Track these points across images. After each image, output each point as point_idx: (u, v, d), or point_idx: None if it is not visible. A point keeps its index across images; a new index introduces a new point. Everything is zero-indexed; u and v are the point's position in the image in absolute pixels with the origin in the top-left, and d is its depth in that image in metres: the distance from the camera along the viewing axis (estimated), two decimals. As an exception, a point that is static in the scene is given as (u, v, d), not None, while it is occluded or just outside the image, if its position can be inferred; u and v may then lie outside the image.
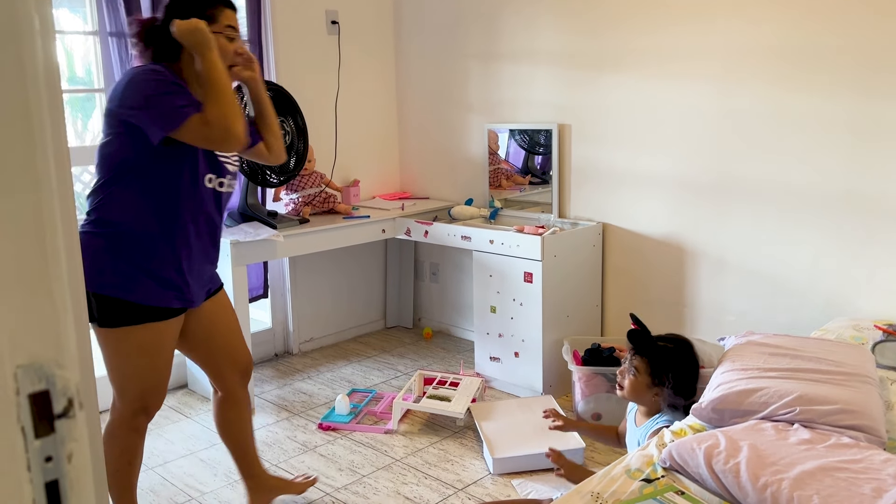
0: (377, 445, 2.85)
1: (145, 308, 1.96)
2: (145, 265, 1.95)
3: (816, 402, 1.75)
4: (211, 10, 1.96)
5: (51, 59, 0.84)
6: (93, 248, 1.92)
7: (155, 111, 1.84)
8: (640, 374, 2.17)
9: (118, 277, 1.93)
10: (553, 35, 3.40)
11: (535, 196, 3.62)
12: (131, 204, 1.94)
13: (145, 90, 1.86)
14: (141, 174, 1.93)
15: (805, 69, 2.67)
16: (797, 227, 2.78)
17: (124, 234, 1.94)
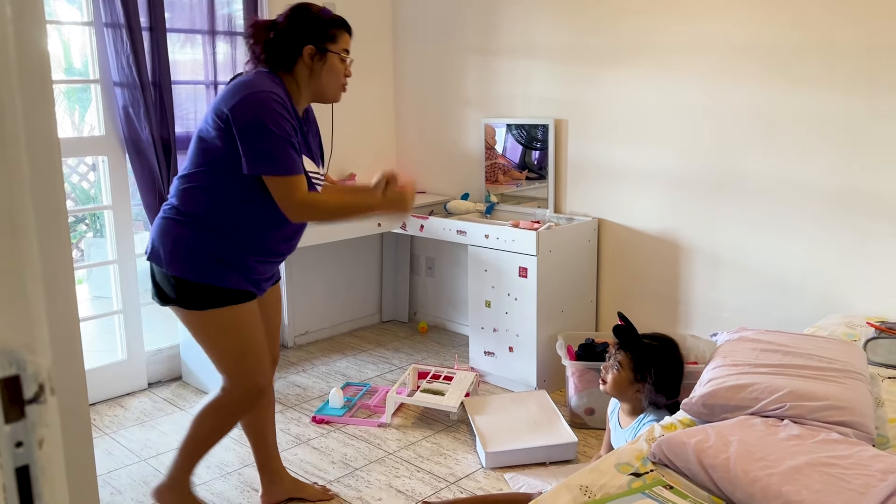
0: (370, 439, 2.85)
1: (228, 291, 2.03)
2: (228, 258, 2.02)
3: (806, 398, 1.75)
4: (333, 30, 2.07)
5: (33, 47, 0.83)
6: (176, 234, 2.01)
7: (260, 149, 1.92)
8: (623, 370, 2.22)
9: (204, 264, 2.00)
10: (551, 30, 3.39)
11: (532, 191, 3.62)
12: (226, 205, 2.00)
13: (264, 121, 1.91)
14: (242, 180, 1.97)
15: (801, 67, 2.67)
16: (792, 224, 2.78)
17: (212, 228, 2.00)
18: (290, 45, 2.03)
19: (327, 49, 2.05)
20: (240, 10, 3.48)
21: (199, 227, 2.00)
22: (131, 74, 3.07)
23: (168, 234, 2.02)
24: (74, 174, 5.23)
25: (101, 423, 3.04)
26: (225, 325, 2.06)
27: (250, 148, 1.92)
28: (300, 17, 2.05)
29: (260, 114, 1.91)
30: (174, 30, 3.27)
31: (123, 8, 3.00)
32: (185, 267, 2.00)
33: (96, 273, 4.96)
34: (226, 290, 2.03)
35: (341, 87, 2.13)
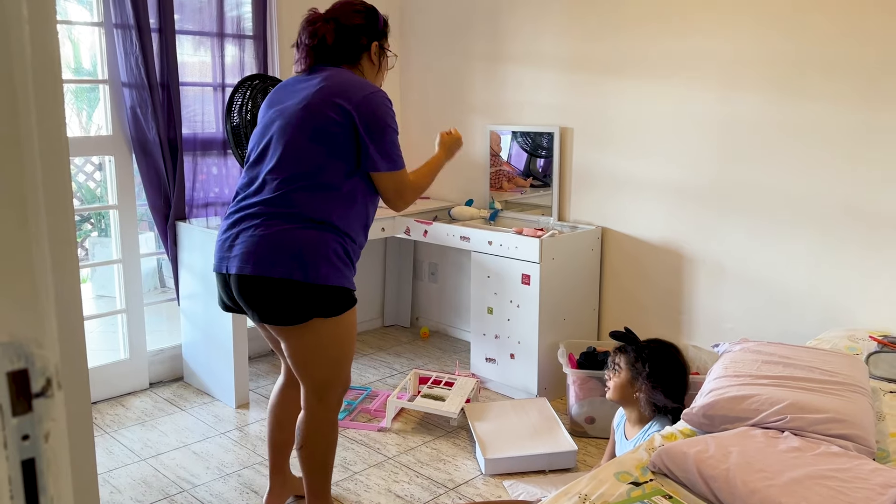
0: (370, 443, 2.85)
1: (351, 293, 2.05)
2: (351, 255, 2.05)
3: (807, 411, 1.75)
4: (386, 29, 2.19)
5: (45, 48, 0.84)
6: (315, 243, 1.94)
7: (386, 149, 2.01)
8: (621, 371, 2.28)
9: (338, 267, 1.98)
10: (558, 39, 3.40)
11: (536, 199, 3.62)
12: (349, 204, 2.01)
13: (387, 119, 2.01)
14: (361, 177, 2.03)
15: (806, 81, 2.67)
16: (795, 236, 2.78)
17: (335, 227, 1.98)
18: (358, 40, 2.10)
19: (385, 47, 2.19)
20: (248, 13, 3.50)
21: (327, 232, 1.96)
22: (139, 75, 3.09)
23: (303, 244, 1.93)
24: (81, 173, 5.25)
25: (102, 422, 3.05)
26: (347, 326, 2.05)
27: (378, 147, 1.99)
28: (369, 16, 2.13)
29: (383, 113, 2.00)
30: (183, 31, 3.29)
31: (133, 9, 3.02)
32: (330, 273, 1.95)
33: (100, 272, 4.98)
34: (350, 292, 2.04)
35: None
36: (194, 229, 3.24)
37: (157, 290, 5.05)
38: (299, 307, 1.94)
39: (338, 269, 1.98)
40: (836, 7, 2.57)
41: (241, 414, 3.12)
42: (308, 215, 1.95)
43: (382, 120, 1.99)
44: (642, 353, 2.29)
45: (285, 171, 1.97)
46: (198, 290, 3.29)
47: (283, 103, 2.04)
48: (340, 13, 2.10)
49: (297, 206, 1.95)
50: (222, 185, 3.50)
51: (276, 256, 1.92)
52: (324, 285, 1.95)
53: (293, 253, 1.92)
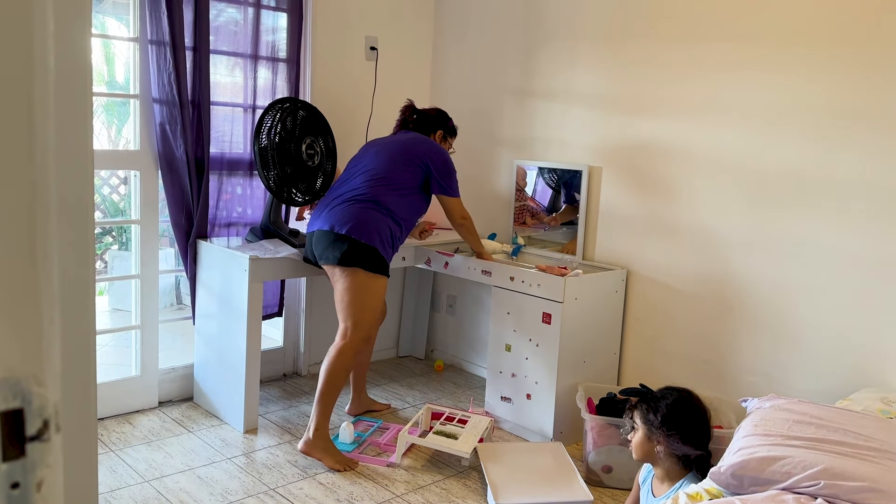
0: (378, 479, 2.77)
1: (387, 265, 2.92)
2: (396, 242, 2.97)
3: (843, 478, 1.66)
4: (455, 131, 3.32)
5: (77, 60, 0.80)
6: (380, 221, 2.87)
7: (452, 181, 3.09)
8: (638, 429, 2.20)
9: (386, 242, 2.89)
10: (590, 77, 3.37)
11: (560, 236, 3.56)
12: (407, 206, 2.98)
13: (451, 165, 3.09)
14: (418, 193, 3.02)
15: (842, 131, 2.61)
16: (828, 290, 2.69)
17: (397, 219, 2.93)
18: (431, 126, 3.23)
19: (447, 137, 3.28)
20: (283, 39, 3.51)
21: (389, 216, 2.90)
22: (171, 92, 3.09)
23: (372, 219, 2.86)
24: (106, 186, 5.28)
25: (108, 440, 2.99)
26: (378, 287, 2.90)
27: (447, 179, 3.05)
28: (443, 116, 3.28)
29: (446, 157, 3.07)
30: (217, 52, 3.30)
31: (170, 27, 3.04)
32: (374, 238, 2.84)
33: (117, 286, 4.97)
34: (386, 264, 2.91)
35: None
36: (215, 248, 3.21)
37: (174, 307, 5.03)
38: (344, 256, 2.85)
39: (383, 240, 2.90)
40: (876, 61, 2.52)
41: (248, 439, 3.06)
42: (384, 205, 2.92)
43: (448, 162, 3.08)
44: (652, 403, 2.21)
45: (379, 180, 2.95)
46: (213, 309, 3.25)
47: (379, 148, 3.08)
48: (428, 109, 3.29)
49: (380, 197, 2.93)
50: (245, 206, 3.48)
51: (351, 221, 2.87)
52: (372, 247, 2.86)
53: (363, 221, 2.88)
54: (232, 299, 3.12)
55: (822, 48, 2.64)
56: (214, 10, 3.26)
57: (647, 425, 2.18)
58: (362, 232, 2.83)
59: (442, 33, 4.05)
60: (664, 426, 2.14)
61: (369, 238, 2.83)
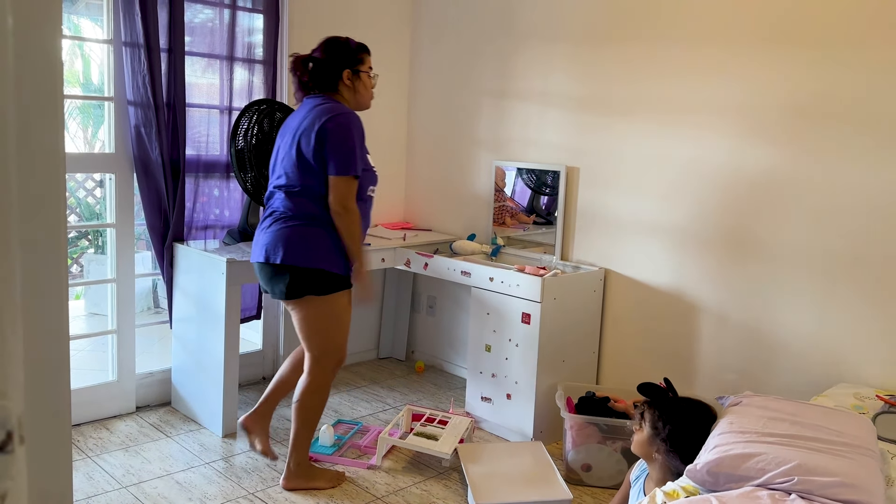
0: (359, 481, 2.77)
1: (343, 278, 2.56)
2: (340, 247, 2.53)
3: (816, 473, 1.69)
4: (361, 54, 2.64)
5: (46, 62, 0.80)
6: (308, 234, 2.50)
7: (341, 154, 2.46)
8: (644, 425, 2.14)
9: (329, 255, 2.51)
10: (567, 78, 3.39)
11: (539, 236, 3.58)
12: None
13: (346, 134, 2.47)
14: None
15: (817, 133, 2.65)
16: (801, 288, 2.73)
17: (327, 221, 2.50)
18: (331, 71, 2.58)
19: (359, 70, 2.61)
20: (260, 40, 3.49)
21: (320, 226, 2.50)
22: (146, 94, 3.06)
23: (296, 236, 2.49)
24: (81, 189, 5.22)
25: (85, 446, 2.96)
26: (336, 307, 2.57)
27: (333, 154, 2.46)
28: (334, 47, 2.60)
29: (344, 126, 2.47)
30: (193, 53, 3.27)
31: (144, 28, 3.01)
32: (316, 257, 2.49)
33: (94, 290, 4.91)
34: (340, 277, 2.55)
35: (371, 97, 2.71)
36: (191, 251, 3.19)
37: (151, 310, 4.98)
38: (289, 288, 2.53)
39: (329, 256, 2.51)
40: (851, 62, 2.55)
41: (227, 444, 3.04)
42: (300, 214, 2.52)
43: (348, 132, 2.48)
44: (667, 413, 2.12)
45: (283, 185, 2.54)
46: (191, 313, 3.22)
47: (283, 134, 2.60)
48: (315, 51, 2.62)
49: (294, 209, 2.53)
50: (223, 208, 3.45)
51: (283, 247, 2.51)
52: (317, 269, 2.50)
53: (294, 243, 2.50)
54: (209, 302, 3.10)
55: (793, 48, 2.68)
56: (190, 12, 3.24)
57: (653, 430, 2.12)
58: (299, 256, 2.49)
59: (419, 34, 4.05)
60: (668, 441, 2.08)
61: (309, 260, 2.49)
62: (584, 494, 2.73)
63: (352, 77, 2.59)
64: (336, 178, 2.46)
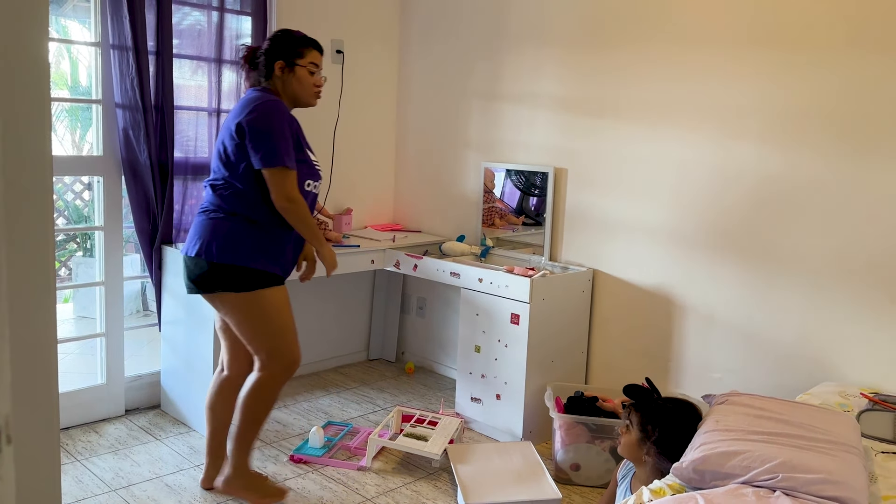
0: (349, 482, 2.77)
1: (269, 274, 2.43)
2: (267, 244, 2.42)
3: (799, 470, 1.71)
4: (302, 48, 2.50)
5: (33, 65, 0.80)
6: (226, 228, 2.38)
7: (266, 144, 2.34)
8: (632, 428, 2.13)
9: (250, 251, 2.38)
10: (555, 80, 3.41)
11: (528, 237, 3.60)
12: (255, 200, 2.40)
13: (265, 123, 2.35)
14: (262, 179, 2.38)
15: (801, 133, 2.67)
16: (787, 288, 2.75)
17: (249, 221, 2.40)
18: (267, 62, 2.48)
19: (295, 63, 2.48)
20: (248, 42, 3.49)
21: (242, 223, 2.39)
22: (134, 97, 3.06)
23: (216, 229, 2.38)
24: (69, 192, 5.20)
25: (74, 449, 2.95)
26: (269, 303, 2.43)
27: (257, 146, 2.34)
28: (275, 38, 2.51)
29: (262, 113, 2.36)
30: (181, 55, 3.27)
31: (132, 31, 3.00)
32: (235, 254, 2.37)
33: (82, 293, 4.89)
34: (266, 273, 2.42)
35: (313, 94, 2.55)
36: (180, 254, 3.18)
37: (140, 313, 4.96)
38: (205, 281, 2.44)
39: (246, 251, 2.38)
40: (834, 65, 2.58)
41: (217, 446, 3.03)
42: (226, 208, 2.41)
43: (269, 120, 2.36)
44: (655, 416, 2.11)
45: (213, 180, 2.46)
46: (180, 315, 3.22)
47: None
48: (257, 45, 2.59)
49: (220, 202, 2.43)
50: (212, 211, 3.45)
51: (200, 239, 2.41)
52: (230, 264, 2.38)
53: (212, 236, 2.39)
54: (198, 305, 3.09)
55: (781, 51, 2.71)
56: (178, 14, 3.23)
57: (642, 433, 2.11)
58: (213, 249, 2.37)
59: (408, 36, 4.06)
60: (658, 445, 2.07)
61: (223, 256, 2.36)
62: (574, 494, 2.74)
63: (284, 69, 2.47)
64: (267, 172, 2.34)
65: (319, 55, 2.54)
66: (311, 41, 2.53)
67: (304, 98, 2.53)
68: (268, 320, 2.44)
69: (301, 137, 2.48)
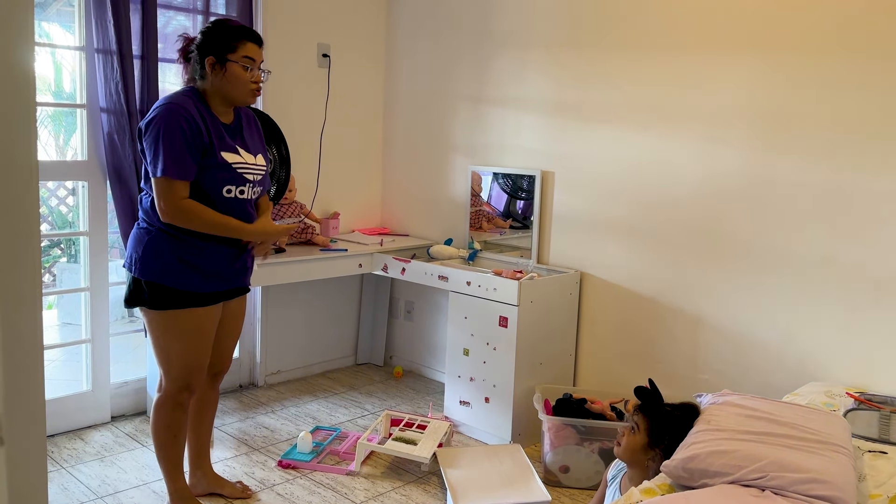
0: (337, 487, 2.76)
1: (189, 294, 2.29)
2: (190, 258, 2.26)
3: (788, 470, 1.72)
4: (235, 42, 2.28)
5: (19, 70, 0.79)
6: (145, 241, 2.27)
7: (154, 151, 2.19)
8: (638, 433, 2.08)
9: (166, 267, 2.25)
10: (542, 83, 3.42)
11: (515, 240, 3.60)
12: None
13: (156, 127, 2.19)
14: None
15: (786, 134, 2.70)
16: (774, 289, 2.78)
17: (170, 232, 2.25)
18: (199, 58, 2.29)
19: (227, 59, 2.26)
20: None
21: (163, 233, 2.25)
22: (119, 101, 3.04)
23: (140, 240, 2.29)
24: (53, 197, 5.15)
25: (59, 457, 2.92)
26: (179, 327, 2.31)
27: (147, 153, 2.22)
28: (207, 32, 2.30)
29: (155, 117, 2.20)
30: (166, 60, 3.25)
31: (116, 35, 2.98)
32: (152, 269, 2.25)
33: (67, 299, 4.85)
34: (185, 294, 2.28)
35: (249, 92, 2.32)
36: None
37: (125, 319, 4.92)
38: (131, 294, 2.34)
39: (164, 267, 2.26)
40: (820, 68, 2.61)
41: (205, 452, 3.01)
42: (146, 220, 2.30)
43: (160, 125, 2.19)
44: (666, 424, 2.06)
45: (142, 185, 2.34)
46: (167, 321, 3.19)
47: None
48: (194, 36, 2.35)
49: (143, 213, 2.32)
50: (198, 216, 3.42)
51: (128, 250, 2.34)
52: (146, 280, 2.27)
53: (133, 248, 2.30)
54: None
55: (771, 53, 2.73)
56: (163, 18, 3.22)
57: (651, 439, 2.06)
58: (133, 263, 2.29)
59: (395, 40, 4.06)
60: (667, 453, 1.99)
61: (142, 270, 2.27)
62: (563, 496, 2.75)
63: (215, 65, 2.26)
64: (153, 181, 2.21)
65: (257, 48, 2.31)
66: (247, 32, 2.30)
67: (239, 97, 2.31)
68: (173, 340, 2.32)
69: (214, 138, 2.26)
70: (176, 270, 2.25)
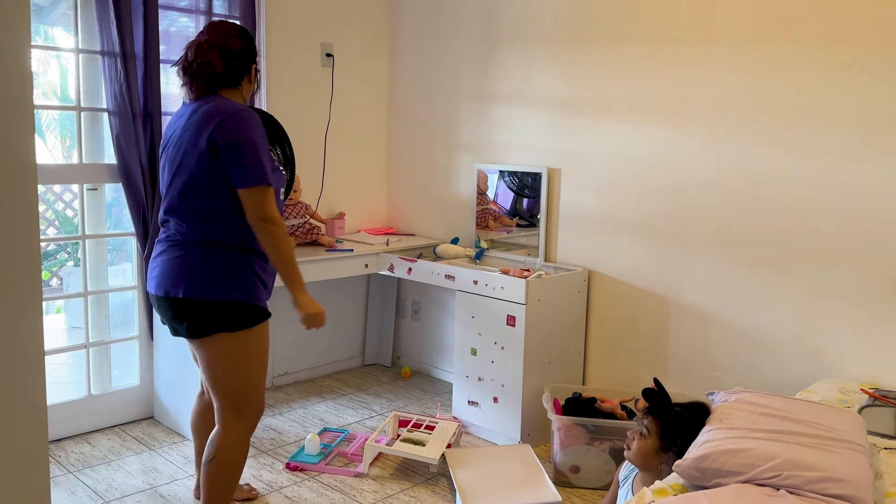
0: (346, 489, 2.74)
1: (263, 309, 2.21)
2: (259, 272, 2.19)
3: (803, 468, 1.68)
4: (257, 58, 2.31)
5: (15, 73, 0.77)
6: (221, 260, 2.12)
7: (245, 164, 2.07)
8: (650, 436, 2.05)
9: (248, 283, 2.16)
10: (547, 80, 3.39)
11: (522, 239, 3.57)
12: (239, 226, 2.14)
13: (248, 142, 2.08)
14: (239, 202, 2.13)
15: (793, 128, 2.66)
16: (785, 285, 2.74)
17: (250, 248, 2.17)
18: (244, 66, 2.24)
19: (258, 67, 2.35)
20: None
21: (232, 252, 2.14)
22: (123, 103, 3.02)
23: (205, 262, 2.12)
24: (59, 201, 5.15)
25: (66, 461, 2.91)
26: (257, 343, 2.19)
27: (236, 167, 2.08)
28: (244, 37, 2.25)
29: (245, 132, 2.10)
30: (169, 61, 3.24)
31: (119, 37, 2.97)
32: (239, 288, 2.13)
33: (74, 303, 4.84)
34: (258, 308, 2.20)
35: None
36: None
37: (133, 322, 4.91)
38: (194, 323, 2.14)
39: (239, 284, 2.14)
40: (826, 59, 2.57)
41: (212, 455, 2.99)
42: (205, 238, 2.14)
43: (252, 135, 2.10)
44: (678, 427, 2.03)
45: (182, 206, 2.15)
46: (173, 324, 3.18)
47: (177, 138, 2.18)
48: (223, 38, 2.20)
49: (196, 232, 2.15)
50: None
51: (179, 279, 2.12)
52: (222, 301, 2.12)
53: (195, 272, 2.12)
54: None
55: (781, 47, 2.69)
56: (166, 20, 3.20)
57: (663, 442, 2.03)
58: (205, 288, 2.10)
59: (398, 38, 4.04)
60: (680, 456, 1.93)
61: (216, 292, 2.11)
62: (573, 496, 2.72)
63: (254, 76, 2.31)
64: (247, 192, 2.09)
65: None
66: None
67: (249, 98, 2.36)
68: (251, 361, 2.19)
69: None
70: (255, 286, 2.17)
